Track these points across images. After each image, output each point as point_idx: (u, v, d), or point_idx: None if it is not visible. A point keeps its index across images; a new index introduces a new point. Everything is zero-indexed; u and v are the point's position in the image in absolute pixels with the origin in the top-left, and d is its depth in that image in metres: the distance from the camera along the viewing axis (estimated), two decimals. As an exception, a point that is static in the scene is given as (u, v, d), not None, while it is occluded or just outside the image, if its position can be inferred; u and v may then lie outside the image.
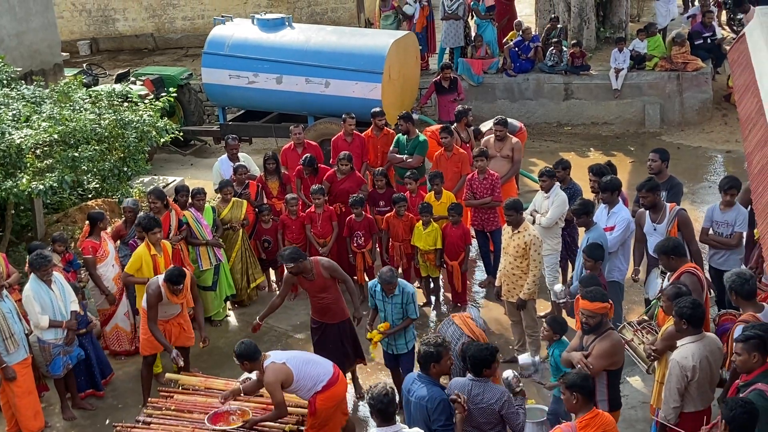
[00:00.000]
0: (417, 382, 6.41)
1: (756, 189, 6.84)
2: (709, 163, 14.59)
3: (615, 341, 6.76)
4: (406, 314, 8.20)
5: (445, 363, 6.41)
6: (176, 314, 8.66)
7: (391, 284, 8.06)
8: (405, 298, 8.14)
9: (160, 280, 8.40)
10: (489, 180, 10.34)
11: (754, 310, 6.62)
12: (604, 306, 6.72)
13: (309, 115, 14.46)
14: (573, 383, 5.87)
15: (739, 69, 9.23)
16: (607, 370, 6.68)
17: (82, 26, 21.91)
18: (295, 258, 8.30)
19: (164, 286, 8.35)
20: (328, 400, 7.25)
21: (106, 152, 11.54)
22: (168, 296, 8.39)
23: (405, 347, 8.35)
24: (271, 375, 7.09)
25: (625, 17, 17.94)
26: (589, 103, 16.39)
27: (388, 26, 17.84)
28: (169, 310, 8.60)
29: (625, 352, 7.04)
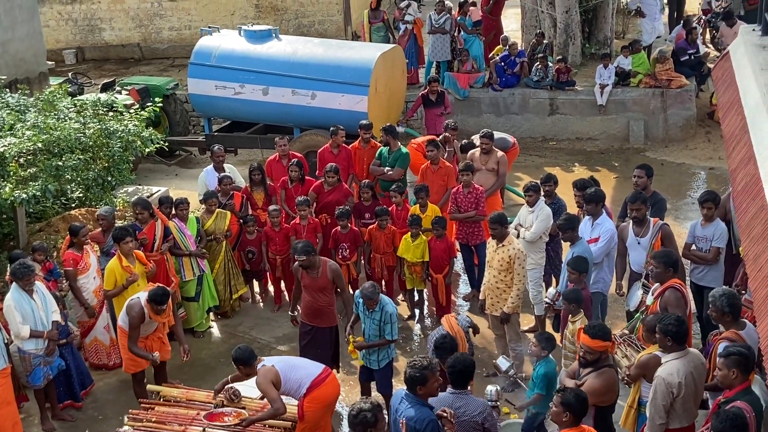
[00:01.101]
0: (405, 402, 6.28)
1: (740, 206, 6.88)
2: (692, 180, 14.68)
3: (609, 380, 6.68)
4: (382, 333, 8.14)
5: (431, 385, 6.14)
6: (155, 329, 8.61)
7: (371, 299, 8.02)
8: (383, 317, 8.08)
9: (142, 300, 8.30)
10: (474, 194, 10.35)
11: (736, 327, 6.66)
12: (605, 345, 6.66)
13: (295, 126, 14.46)
14: (569, 402, 5.80)
15: (722, 87, 9.30)
16: (596, 405, 6.60)
17: (68, 35, 21.84)
18: (308, 251, 8.52)
19: (148, 306, 8.26)
20: (314, 401, 7.33)
21: (90, 161, 11.48)
22: (152, 316, 8.32)
23: (377, 364, 8.30)
24: (261, 376, 7.29)
25: (610, 34, 18.07)
26: (574, 119, 16.47)
27: (379, 38, 17.95)
28: (150, 327, 8.54)
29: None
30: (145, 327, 8.44)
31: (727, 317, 6.69)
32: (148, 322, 8.38)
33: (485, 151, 11.25)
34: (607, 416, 6.82)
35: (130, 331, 8.32)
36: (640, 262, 8.82)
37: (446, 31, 16.86)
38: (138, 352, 8.39)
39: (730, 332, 6.62)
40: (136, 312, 8.26)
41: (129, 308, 8.33)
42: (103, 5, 21.51)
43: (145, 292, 8.39)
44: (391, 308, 8.16)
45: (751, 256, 6.16)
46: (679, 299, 7.37)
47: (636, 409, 6.99)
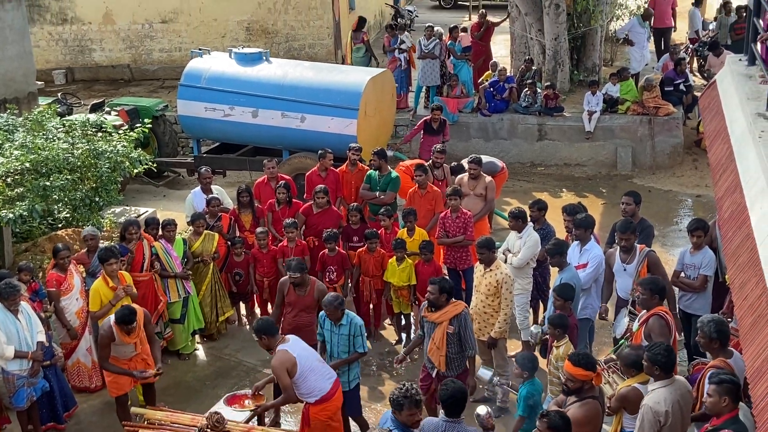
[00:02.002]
0: (391, 424, 6.27)
1: (726, 234, 6.92)
2: (679, 207, 14.75)
3: (591, 411, 6.59)
4: (353, 347, 8.06)
5: (406, 416, 6.09)
6: (136, 353, 8.48)
7: (336, 310, 7.90)
8: (352, 329, 8.01)
9: (111, 321, 8.24)
10: (462, 218, 10.36)
11: (724, 355, 6.66)
12: (586, 374, 6.59)
13: (284, 149, 14.47)
14: (555, 426, 5.80)
15: (709, 115, 9.39)
16: None
17: (58, 55, 21.84)
18: (303, 268, 8.68)
19: (116, 327, 8.17)
20: (321, 412, 7.62)
21: (78, 182, 11.44)
22: (120, 337, 8.20)
23: (347, 385, 8.13)
24: (277, 360, 7.48)
25: (598, 61, 18.22)
26: (562, 145, 16.55)
27: (359, 58, 18.10)
28: (126, 349, 8.38)
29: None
30: (122, 349, 8.35)
31: (715, 344, 6.69)
32: (120, 344, 8.28)
33: (473, 177, 11.27)
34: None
35: (100, 349, 8.36)
36: (626, 289, 8.84)
37: (436, 56, 16.98)
38: (111, 368, 8.36)
39: (719, 360, 6.61)
40: (105, 331, 8.22)
41: (101, 327, 8.35)
42: (94, 26, 21.54)
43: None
44: (359, 320, 8.11)
45: (737, 284, 6.19)
46: (663, 327, 7.38)
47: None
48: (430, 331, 8.05)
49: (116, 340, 8.24)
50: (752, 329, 5.53)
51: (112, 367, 8.37)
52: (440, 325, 7.93)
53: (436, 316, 7.95)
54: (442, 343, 7.92)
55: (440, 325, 7.93)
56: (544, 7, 16.93)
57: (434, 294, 7.90)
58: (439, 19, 25.24)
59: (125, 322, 8.12)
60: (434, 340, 7.96)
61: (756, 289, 5.71)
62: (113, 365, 8.37)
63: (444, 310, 7.91)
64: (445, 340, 7.91)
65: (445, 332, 7.91)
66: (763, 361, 5.20)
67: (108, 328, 8.22)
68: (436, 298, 7.90)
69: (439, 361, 7.97)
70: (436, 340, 7.96)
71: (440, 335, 7.93)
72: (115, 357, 8.38)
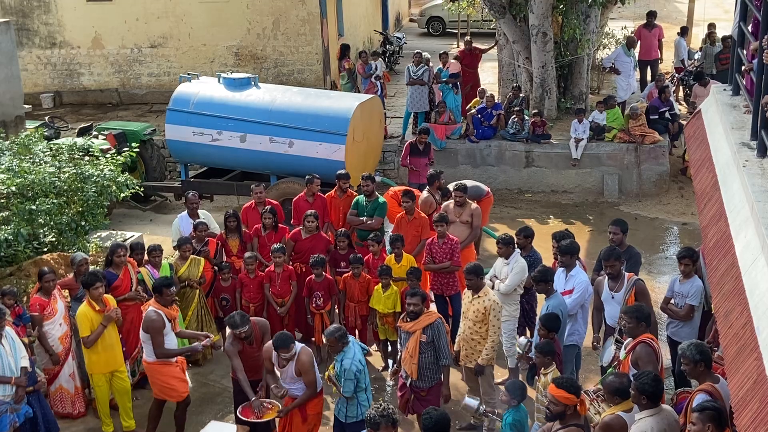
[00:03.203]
0: None
1: (710, 263, 6.94)
2: (665, 235, 14.82)
3: None
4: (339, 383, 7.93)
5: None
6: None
7: (337, 342, 7.82)
8: (339, 369, 7.86)
9: (153, 306, 8.63)
10: (448, 244, 10.37)
11: (711, 380, 6.66)
12: (568, 398, 6.56)
13: (272, 174, 14.48)
14: None
15: (694, 144, 9.45)
16: None
17: (47, 79, 21.84)
18: (247, 320, 8.36)
19: (157, 305, 8.54)
20: (317, 406, 8.18)
21: (64, 206, 11.40)
22: (165, 312, 8.62)
23: (344, 417, 8.06)
24: (307, 356, 7.87)
25: (585, 89, 18.36)
26: (549, 171, 16.63)
27: (344, 86, 18.24)
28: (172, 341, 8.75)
29: None
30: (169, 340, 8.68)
31: (700, 366, 6.63)
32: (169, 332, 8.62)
33: (459, 204, 11.27)
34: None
35: (154, 337, 8.53)
36: (614, 317, 8.83)
37: (424, 82, 17.07)
38: (173, 352, 8.69)
39: (706, 385, 6.60)
40: (155, 317, 8.52)
41: (148, 320, 8.59)
42: (83, 50, 21.57)
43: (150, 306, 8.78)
44: (348, 364, 7.80)
45: (721, 312, 6.20)
46: (650, 354, 7.38)
47: None
48: (405, 341, 8.29)
49: (166, 327, 8.55)
50: (737, 358, 5.54)
51: (174, 351, 8.70)
52: (414, 334, 8.17)
53: (409, 326, 8.18)
54: (414, 352, 8.16)
55: (414, 334, 8.17)
56: (531, 35, 17.07)
57: (418, 305, 8.21)
58: (428, 46, 25.42)
59: (166, 285, 8.54)
60: (408, 349, 8.21)
61: (740, 318, 5.73)
62: (173, 349, 8.71)
63: (418, 319, 8.17)
64: (417, 349, 8.14)
65: (419, 341, 8.12)
66: (748, 391, 5.20)
67: (155, 315, 8.53)
68: (420, 309, 8.20)
69: (412, 370, 8.15)
70: (409, 349, 8.22)
71: (413, 344, 8.18)
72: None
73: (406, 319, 8.32)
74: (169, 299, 8.83)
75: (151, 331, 8.60)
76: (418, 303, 8.20)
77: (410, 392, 8.40)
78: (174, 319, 8.84)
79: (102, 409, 9.20)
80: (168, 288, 8.79)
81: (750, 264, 5.95)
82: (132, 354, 9.76)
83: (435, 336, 8.16)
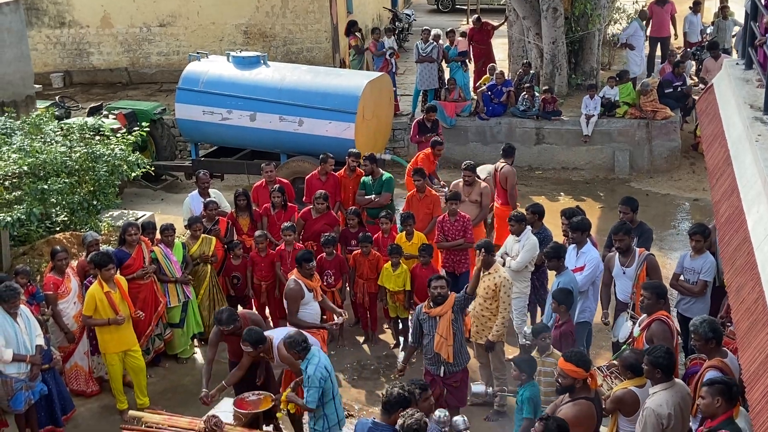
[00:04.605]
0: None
1: (723, 238, 6.93)
2: (677, 211, 14.77)
3: (582, 412, 6.57)
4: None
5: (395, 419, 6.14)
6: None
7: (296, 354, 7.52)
8: (305, 378, 7.45)
9: (295, 276, 8.93)
10: (460, 222, 10.37)
11: (720, 355, 6.68)
12: (576, 371, 6.58)
13: (282, 152, 14.48)
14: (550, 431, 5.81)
15: (706, 119, 9.41)
16: None
17: (56, 59, 21.85)
18: (235, 318, 8.29)
19: (298, 276, 8.72)
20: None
21: (75, 185, 11.45)
22: (306, 283, 8.86)
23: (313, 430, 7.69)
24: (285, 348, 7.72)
25: (596, 65, 18.25)
26: (559, 148, 16.57)
27: (352, 62, 18.19)
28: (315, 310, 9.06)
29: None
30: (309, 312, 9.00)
31: (711, 343, 6.70)
32: (308, 301, 8.97)
33: (468, 183, 11.25)
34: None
35: (289, 305, 8.87)
36: (626, 292, 8.84)
37: (434, 59, 16.99)
38: (302, 323, 8.88)
39: (716, 360, 6.63)
40: (293, 286, 8.88)
41: (287, 288, 8.98)
42: (92, 29, 21.54)
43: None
44: (312, 370, 7.36)
45: (733, 287, 6.20)
46: (666, 331, 7.39)
47: None
48: (432, 328, 8.07)
49: (305, 295, 8.73)
50: (749, 333, 5.54)
51: (303, 323, 8.83)
52: (444, 317, 7.99)
53: (438, 310, 8.00)
54: (449, 334, 7.99)
55: (444, 317, 7.99)
56: (542, 10, 16.96)
57: (444, 288, 8.07)
58: (437, 22, 25.28)
59: (306, 258, 8.75)
60: (441, 334, 7.98)
61: (752, 292, 5.73)
62: (305, 321, 8.86)
63: (445, 302, 8.03)
64: (451, 330, 7.99)
65: (451, 322, 7.97)
66: (760, 365, 5.21)
67: (294, 283, 8.74)
68: (446, 292, 8.06)
69: (448, 353, 7.99)
70: (442, 333, 7.99)
71: (446, 326, 7.99)
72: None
73: (430, 304, 8.11)
74: (308, 272, 9.05)
75: (287, 298, 8.92)
76: (444, 286, 8.07)
77: (442, 386, 8.15)
78: (315, 290, 9.06)
79: (116, 387, 9.28)
80: (307, 262, 9.03)
81: (762, 239, 5.94)
82: (145, 332, 9.82)
83: (460, 311, 8.14)
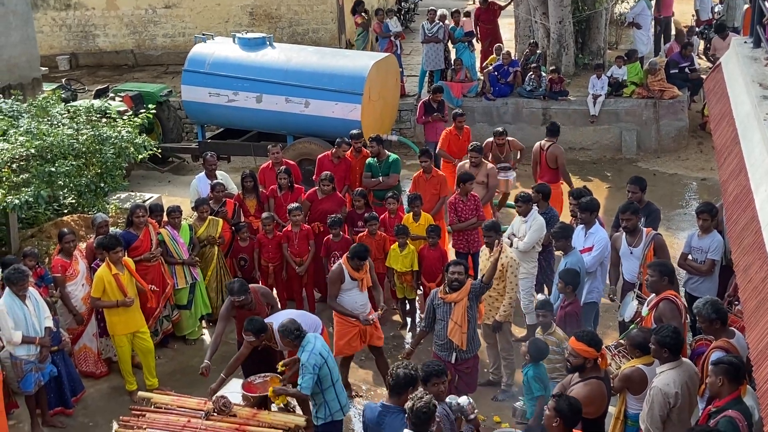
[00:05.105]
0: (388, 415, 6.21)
1: (730, 217, 6.92)
2: (684, 191, 14.73)
3: (593, 392, 6.59)
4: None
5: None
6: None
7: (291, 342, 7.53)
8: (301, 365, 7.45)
9: (342, 260, 8.80)
10: (472, 201, 10.39)
11: (726, 336, 6.69)
12: (588, 351, 6.60)
13: (288, 134, 14.47)
14: (561, 410, 5.80)
15: (714, 98, 9.36)
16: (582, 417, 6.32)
17: (62, 41, 21.82)
18: (246, 289, 8.41)
19: (346, 264, 8.56)
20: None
21: (83, 168, 11.47)
22: (351, 273, 8.70)
23: (315, 419, 7.64)
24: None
25: (603, 44, 18.15)
26: (566, 129, 16.45)
27: (356, 41, 18.13)
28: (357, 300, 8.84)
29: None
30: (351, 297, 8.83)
31: (716, 324, 6.73)
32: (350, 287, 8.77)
33: (474, 164, 11.24)
34: (595, 429, 6.75)
35: (329, 286, 8.73)
36: (633, 272, 8.84)
37: (439, 40, 16.90)
38: (337, 308, 8.85)
39: (722, 341, 6.64)
40: (336, 269, 8.76)
41: (330, 272, 8.93)
42: (98, 12, 21.50)
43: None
44: (306, 357, 7.31)
45: (741, 267, 6.19)
46: (674, 310, 7.38)
47: (623, 421, 6.98)
48: (446, 314, 7.98)
49: (345, 281, 8.59)
50: (756, 311, 5.54)
51: (338, 307, 8.79)
52: (460, 303, 7.91)
53: (455, 296, 7.91)
54: (463, 321, 7.91)
55: (460, 303, 7.91)
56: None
57: (462, 274, 7.96)
58: (443, 2, 25.11)
59: (360, 258, 8.55)
60: (455, 320, 7.92)
61: (760, 271, 5.72)
62: (340, 306, 8.79)
63: (462, 288, 7.93)
64: (466, 317, 7.91)
65: (466, 309, 7.92)
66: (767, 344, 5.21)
67: (338, 266, 8.67)
68: (464, 278, 7.96)
69: (462, 340, 7.95)
70: (457, 319, 7.92)
71: (461, 313, 7.91)
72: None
73: (446, 290, 8.02)
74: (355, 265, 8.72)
75: (328, 280, 8.91)
76: (462, 272, 7.96)
77: (454, 372, 8.09)
78: (362, 280, 8.80)
79: (125, 368, 9.33)
80: (360, 259, 8.72)
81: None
82: (153, 314, 9.86)
83: (475, 299, 8.07)
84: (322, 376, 7.38)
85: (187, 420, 7.42)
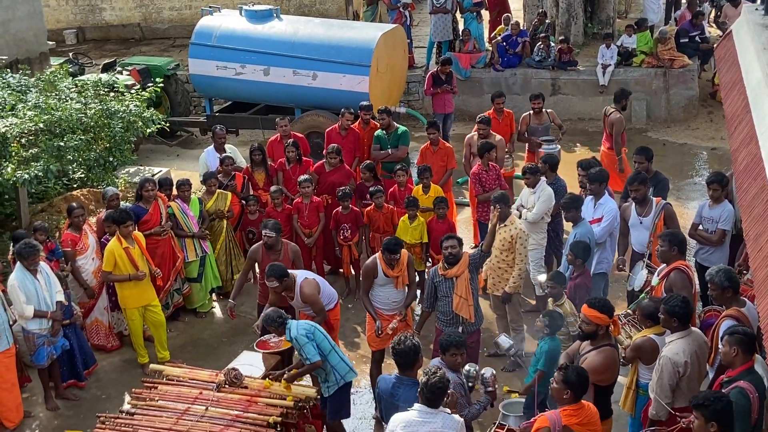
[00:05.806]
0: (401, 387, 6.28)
1: (741, 186, 6.88)
2: (694, 160, 14.66)
3: (608, 359, 6.60)
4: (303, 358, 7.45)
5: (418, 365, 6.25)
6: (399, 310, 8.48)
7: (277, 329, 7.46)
8: (294, 344, 7.43)
9: (378, 255, 8.39)
10: (494, 171, 10.39)
11: (737, 305, 6.69)
12: (600, 317, 6.59)
13: (296, 107, 14.43)
14: (569, 380, 5.80)
15: (725, 66, 9.28)
16: (595, 384, 6.41)
17: (69, 15, 21.76)
18: (279, 229, 8.81)
19: (381, 259, 8.29)
20: (337, 314, 8.57)
21: (91, 142, 11.48)
22: (385, 269, 8.25)
23: (327, 391, 7.58)
24: (308, 287, 8.04)
25: (612, 13, 17.99)
26: (576, 99, 16.43)
27: (365, 13, 18.01)
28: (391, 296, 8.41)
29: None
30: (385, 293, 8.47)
31: (728, 292, 6.73)
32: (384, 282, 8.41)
33: (483, 137, 11.20)
34: (606, 396, 6.81)
35: (363, 282, 8.58)
36: (642, 242, 8.82)
37: (448, 10, 16.78)
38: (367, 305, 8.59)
39: (733, 310, 6.65)
40: (369, 263, 8.47)
41: (364, 265, 8.70)
42: (104, -15, 21.44)
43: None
44: (294, 332, 7.35)
45: (751, 235, 6.17)
46: (685, 280, 7.39)
47: (635, 390, 7.01)
48: (449, 289, 7.96)
49: (378, 276, 8.33)
50: (767, 281, 5.52)
51: (367, 302, 8.52)
52: (462, 276, 7.89)
53: (455, 270, 7.91)
54: (468, 293, 7.90)
55: (462, 276, 7.89)
56: (557, -42, 16.70)
57: (456, 248, 7.90)
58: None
59: (391, 251, 8.18)
60: (459, 294, 7.90)
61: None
62: (368, 301, 8.48)
63: (460, 262, 7.92)
64: (470, 290, 7.90)
65: (469, 281, 7.91)
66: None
67: (371, 261, 8.46)
68: (458, 251, 7.90)
69: (469, 312, 7.95)
70: (461, 293, 7.90)
71: (465, 286, 7.89)
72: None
73: (444, 266, 7.97)
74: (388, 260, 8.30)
75: (362, 273, 8.69)
76: (455, 245, 7.92)
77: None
78: (396, 278, 8.39)
79: (137, 341, 9.39)
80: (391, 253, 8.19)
81: (781, 186, 5.89)
82: (164, 287, 9.90)
83: (474, 270, 8.03)
84: (318, 342, 7.41)
85: (198, 392, 7.48)
